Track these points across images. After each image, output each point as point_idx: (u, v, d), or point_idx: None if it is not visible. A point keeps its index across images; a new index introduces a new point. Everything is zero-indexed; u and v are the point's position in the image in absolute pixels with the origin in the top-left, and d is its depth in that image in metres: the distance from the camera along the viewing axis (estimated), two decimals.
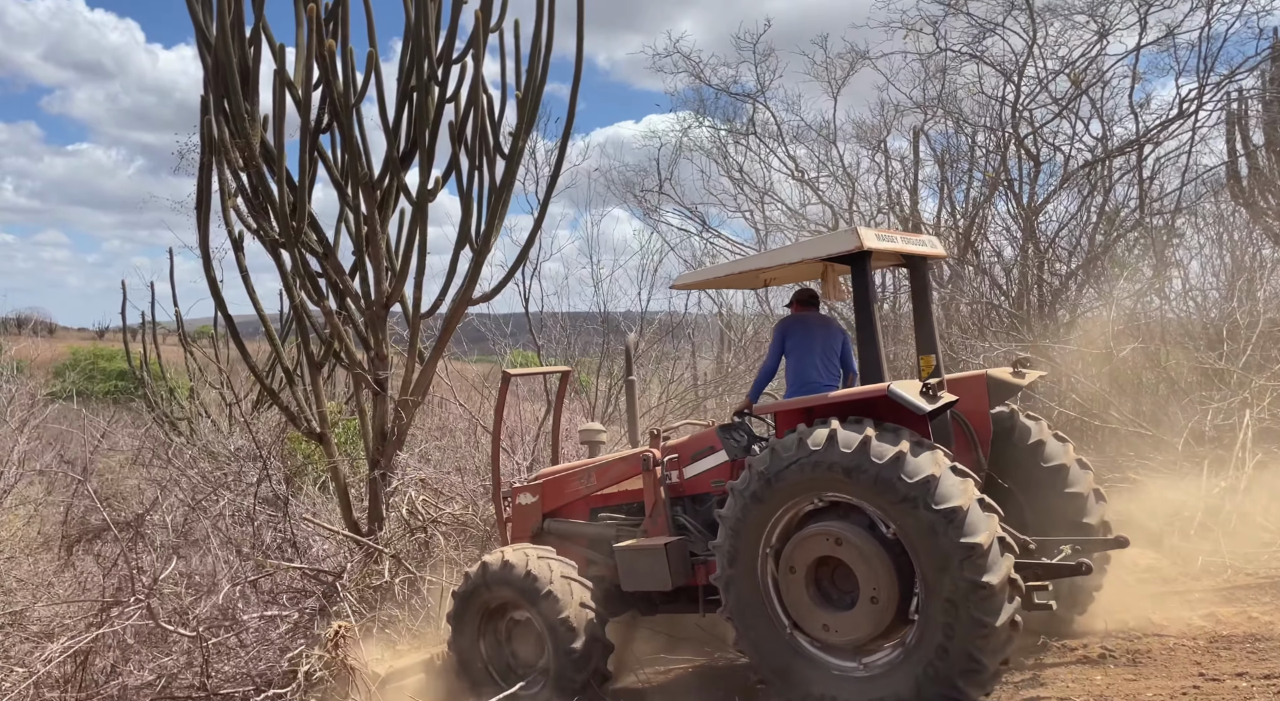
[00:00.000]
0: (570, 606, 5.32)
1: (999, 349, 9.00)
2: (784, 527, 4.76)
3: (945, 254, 5.96)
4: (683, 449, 5.78)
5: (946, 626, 4.18)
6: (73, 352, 32.79)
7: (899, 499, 4.29)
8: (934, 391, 4.63)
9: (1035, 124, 10.85)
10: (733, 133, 13.06)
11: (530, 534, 6.32)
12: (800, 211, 12.61)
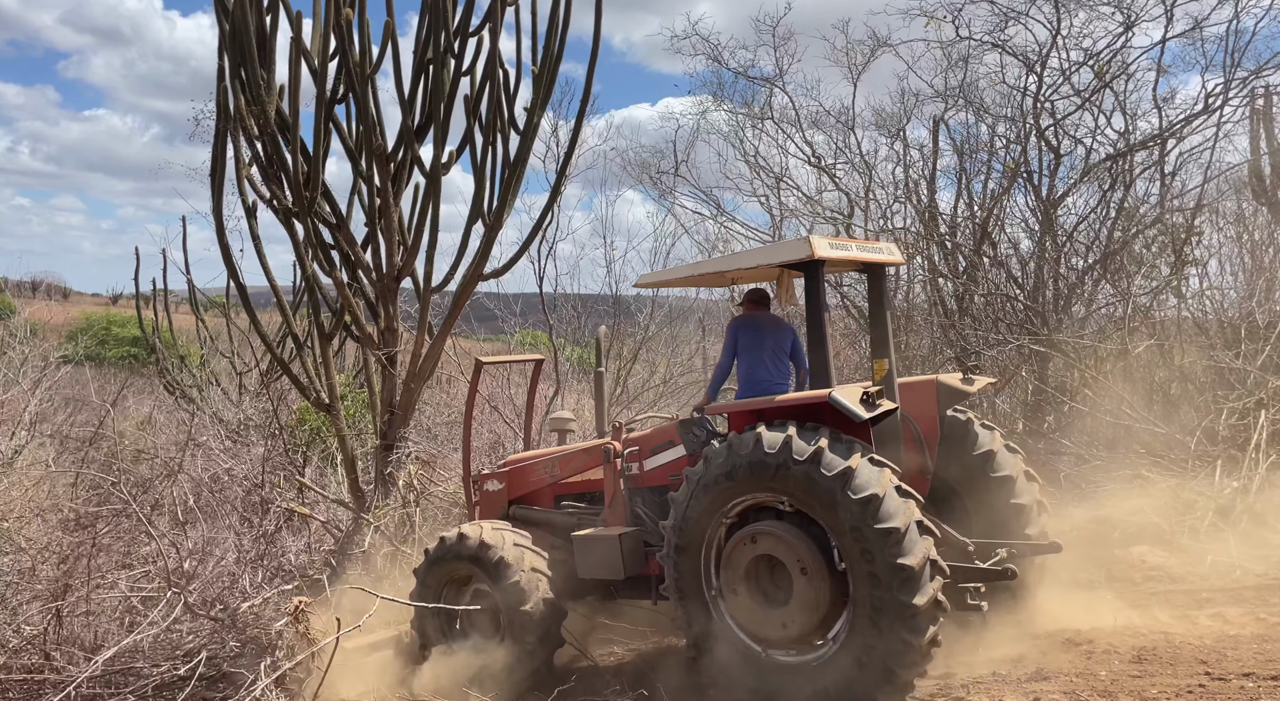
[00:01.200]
0: (524, 572, 5.59)
1: (1013, 342, 8.94)
2: (730, 520, 4.99)
3: (903, 260, 6.11)
4: (644, 442, 5.93)
5: (873, 610, 4.43)
6: (86, 317, 32.93)
7: (823, 491, 4.55)
8: (873, 399, 4.79)
9: (1057, 116, 10.72)
10: (750, 116, 12.96)
11: (497, 518, 6.45)
12: (816, 198, 12.52)
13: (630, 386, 13.04)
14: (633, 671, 5.84)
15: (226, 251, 8.54)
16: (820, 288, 5.20)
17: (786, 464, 4.65)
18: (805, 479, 4.61)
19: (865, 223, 11.83)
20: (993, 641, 5.59)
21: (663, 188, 13.78)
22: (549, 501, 6.49)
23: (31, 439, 13.77)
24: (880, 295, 5.68)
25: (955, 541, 5.06)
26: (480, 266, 8.12)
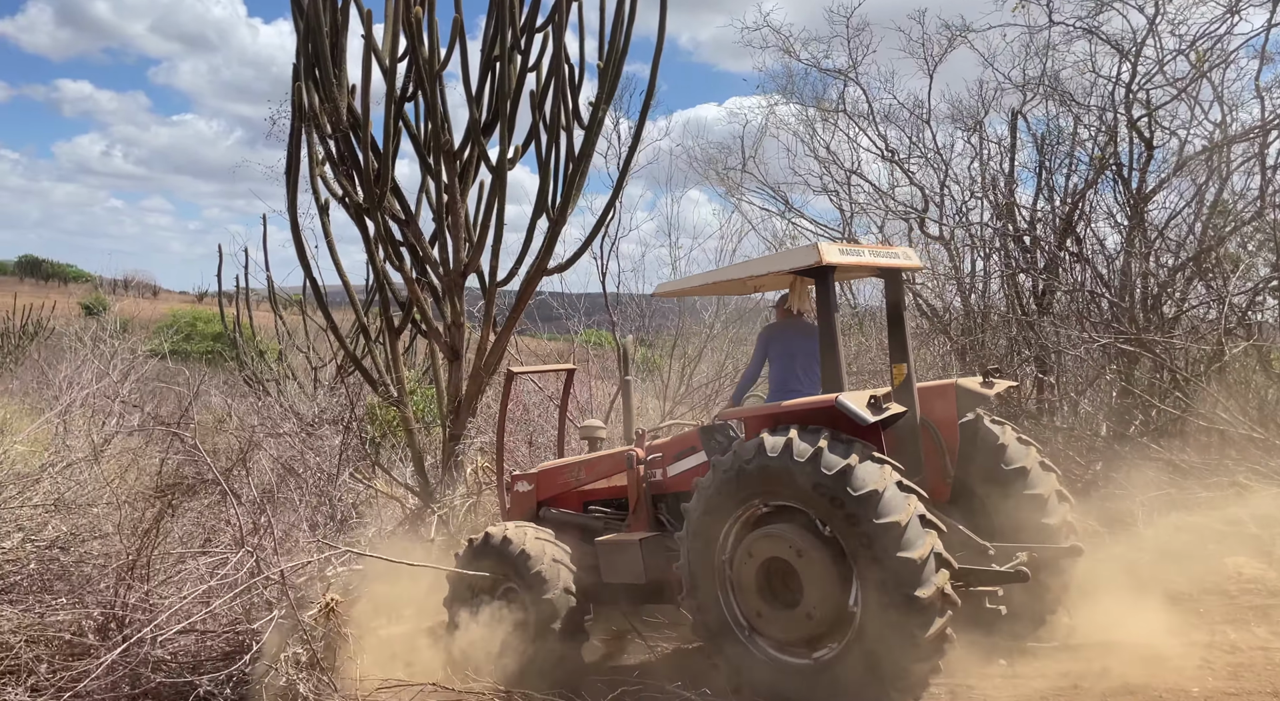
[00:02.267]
0: (546, 563, 5.76)
1: (1098, 340, 8.55)
2: (740, 526, 5.05)
3: (920, 266, 6.13)
4: (667, 448, 6.04)
5: (880, 607, 4.44)
6: (173, 314, 34.24)
7: (824, 490, 4.59)
8: (880, 403, 4.83)
9: (1150, 106, 10.22)
10: (821, 110, 12.70)
11: (526, 519, 6.57)
12: (889, 193, 12.20)
13: (694, 383, 12.91)
14: (693, 670, 5.75)
15: (300, 248, 8.74)
16: (830, 293, 5.26)
17: (788, 466, 4.71)
18: (807, 480, 4.67)
19: (940, 218, 11.48)
20: (1074, 652, 5.34)
21: (729, 184, 13.62)
22: (577, 505, 6.59)
23: (120, 428, 14.35)
24: (897, 300, 5.70)
25: (975, 545, 5.10)
26: (544, 262, 8.17)
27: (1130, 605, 5.62)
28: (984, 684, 5.19)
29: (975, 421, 5.59)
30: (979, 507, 5.49)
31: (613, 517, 6.29)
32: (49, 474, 10.00)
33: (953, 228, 11.30)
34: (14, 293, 36.23)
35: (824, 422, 4.88)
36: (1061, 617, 5.61)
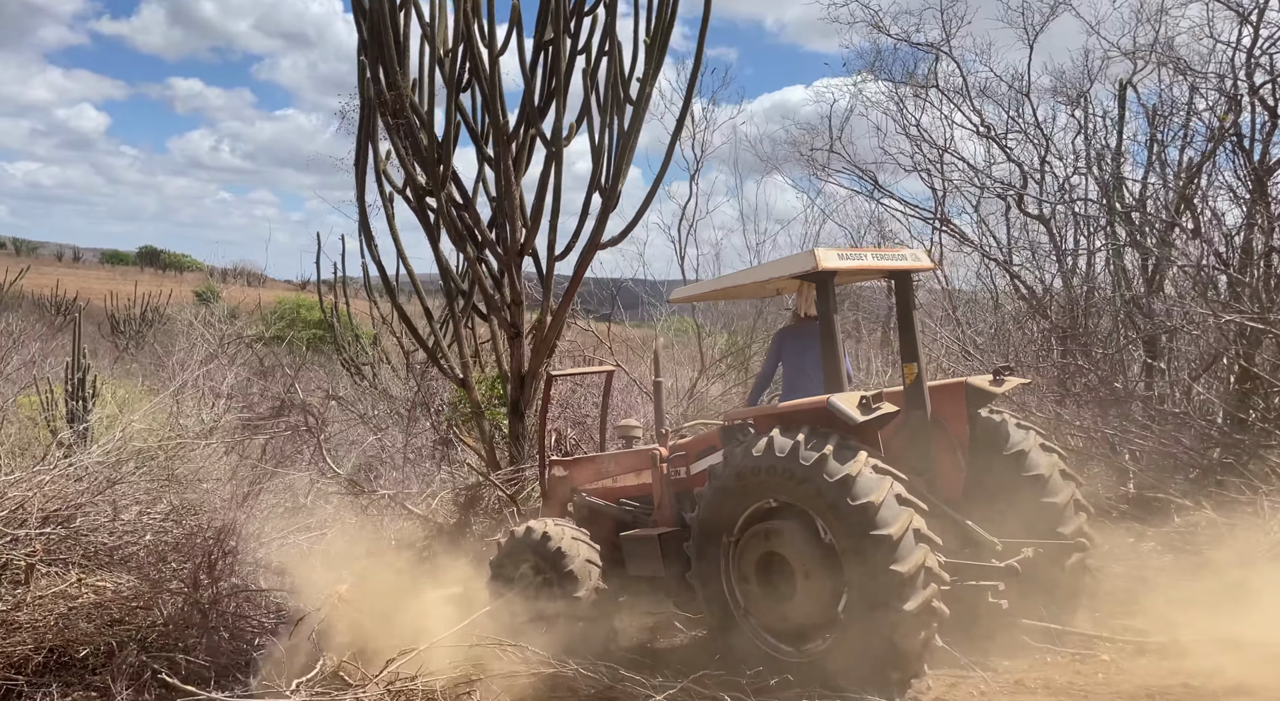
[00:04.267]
0: (578, 561, 6.07)
1: (1215, 319, 8.02)
2: (744, 521, 5.26)
3: (931, 266, 6.19)
4: (689, 447, 6.27)
5: (866, 612, 4.63)
6: (277, 301, 35.70)
7: (824, 495, 4.75)
8: (870, 403, 4.96)
9: (1275, 72, 9.51)
10: (912, 86, 12.27)
11: (559, 501, 6.98)
12: (984, 170, 11.71)
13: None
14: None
15: (368, 235, 9.09)
16: (830, 298, 5.41)
17: (792, 468, 4.87)
18: (809, 483, 4.82)
19: (1040, 195, 10.96)
20: (1186, 648, 5.05)
21: (815, 166, 13.30)
22: (609, 496, 6.81)
23: (229, 409, 15.05)
24: (907, 301, 5.85)
25: (983, 540, 5.23)
26: (597, 238, 8.33)
27: (1246, 602, 5.27)
28: (1084, 681, 4.96)
29: (1000, 423, 5.67)
30: (993, 506, 5.51)
31: (641, 511, 6.52)
32: (163, 451, 10.56)
33: (1054, 205, 10.77)
34: (135, 281, 38.42)
35: (821, 422, 5.04)
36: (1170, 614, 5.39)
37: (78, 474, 8.25)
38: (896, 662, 4.62)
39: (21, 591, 6.48)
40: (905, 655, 4.61)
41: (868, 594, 4.63)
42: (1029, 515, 5.44)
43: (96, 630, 6.66)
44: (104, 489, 8.07)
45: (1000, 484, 5.53)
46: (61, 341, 18.50)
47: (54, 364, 15.56)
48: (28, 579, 6.62)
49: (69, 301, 32.78)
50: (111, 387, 14.05)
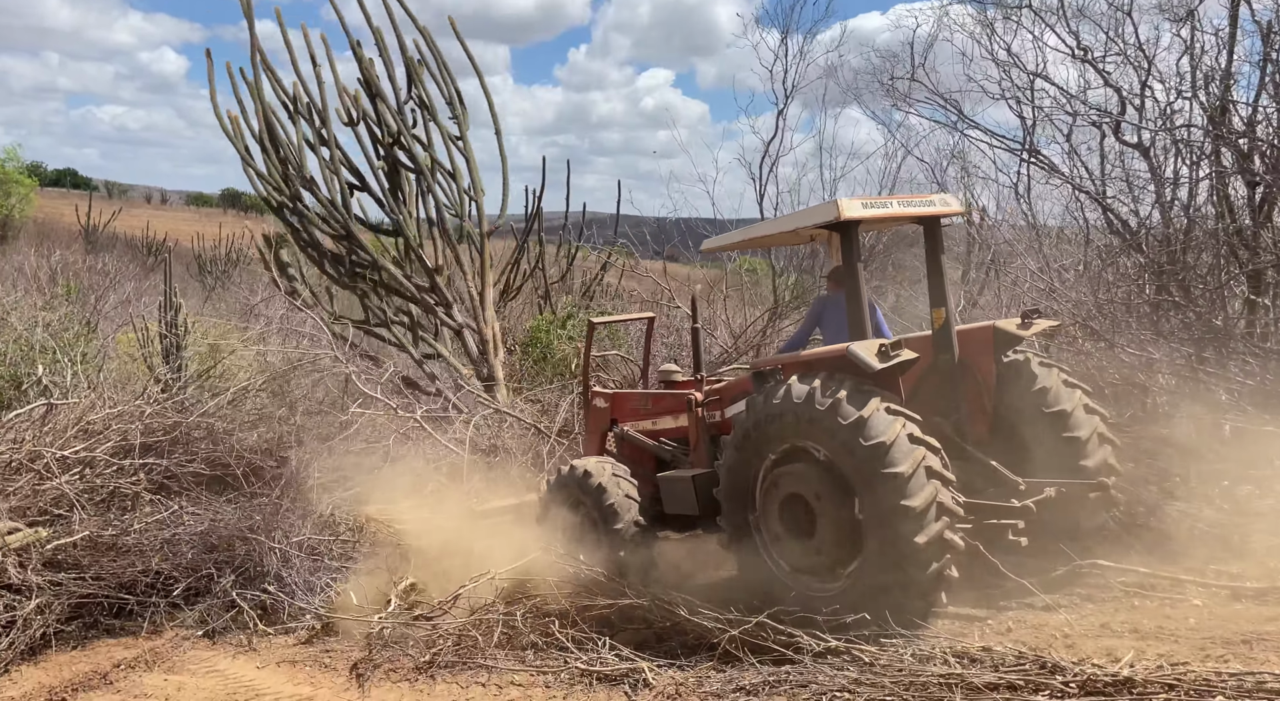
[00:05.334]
0: (618, 496, 6.46)
1: None
2: (768, 465, 5.51)
3: (960, 210, 6.25)
4: (724, 392, 6.50)
5: (881, 547, 4.88)
6: None
7: (840, 437, 4.99)
8: (889, 351, 5.12)
9: None
10: (1002, 7, 11.59)
11: (599, 432, 7.41)
12: (1079, 96, 11.07)
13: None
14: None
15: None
16: (855, 247, 5.52)
17: (810, 412, 5.10)
18: (825, 426, 5.06)
19: (1139, 122, 10.35)
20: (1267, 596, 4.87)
21: (896, 96, 12.75)
22: (648, 432, 7.11)
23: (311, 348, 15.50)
24: (936, 246, 5.90)
25: (1007, 480, 5.39)
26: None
27: None
28: (1174, 625, 4.83)
29: (1024, 363, 5.76)
30: (1019, 445, 5.68)
31: (679, 452, 6.79)
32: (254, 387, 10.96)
33: (1154, 132, 10.16)
34: (219, 223, 39.65)
35: (843, 369, 5.22)
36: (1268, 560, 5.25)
37: (177, 408, 8.64)
38: (912, 593, 4.84)
39: (129, 517, 6.85)
40: (920, 585, 4.83)
41: (883, 529, 4.85)
42: (1053, 452, 5.59)
43: (197, 556, 7.05)
44: (200, 423, 8.44)
45: (1026, 423, 5.69)
46: (154, 281, 19.27)
47: (148, 302, 16.25)
48: (134, 506, 7.00)
49: (159, 242, 34.05)
50: (202, 326, 14.60)
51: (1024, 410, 5.71)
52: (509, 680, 5.24)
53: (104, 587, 6.73)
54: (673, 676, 4.92)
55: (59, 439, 7.39)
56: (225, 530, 7.13)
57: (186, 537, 7.05)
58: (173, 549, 7.00)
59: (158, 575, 6.98)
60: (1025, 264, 11.06)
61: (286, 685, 5.67)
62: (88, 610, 6.78)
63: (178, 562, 6.99)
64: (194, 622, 6.75)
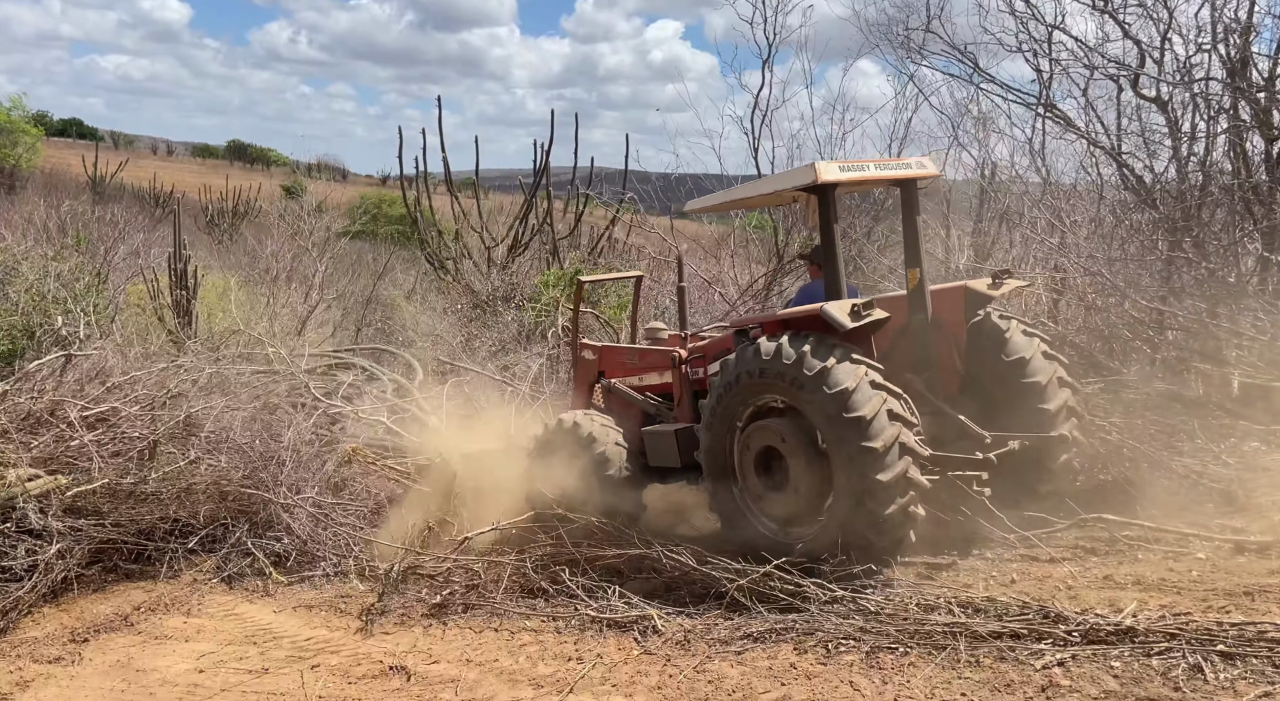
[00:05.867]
0: (609, 445, 6.69)
1: None
2: (744, 420, 5.78)
3: (937, 173, 6.27)
4: (707, 350, 6.64)
5: (849, 489, 5.11)
6: (361, 197, 36.25)
7: (806, 388, 5.20)
8: (860, 311, 5.30)
9: None
10: None
11: (587, 385, 7.58)
12: (1098, 48, 10.86)
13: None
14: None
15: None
16: (831, 210, 5.64)
17: (779, 367, 5.32)
18: (793, 379, 5.27)
19: (1159, 75, 10.18)
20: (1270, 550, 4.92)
21: (909, 48, 12.51)
22: (634, 385, 7.27)
23: (320, 301, 15.54)
24: (911, 208, 6.03)
25: (974, 433, 5.62)
26: None
27: None
28: (1177, 578, 4.90)
29: (1007, 328, 5.91)
30: (986, 399, 5.89)
31: (664, 407, 6.95)
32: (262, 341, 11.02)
33: (1172, 86, 9.99)
34: (225, 175, 39.46)
35: (819, 329, 5.42)
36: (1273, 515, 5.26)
37: (189, 364, 8.71)
38: (878, 530, 5.08)
39: (147, 467, 6.96)
40: (887, 522, 5.06)
41: (849, 472, 5.10)
42: (1020, 409, 5.79)
43: (214, 506, 7.17)
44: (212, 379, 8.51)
45: (995, 381, 5.89)
46: (162, 233, 19.25)
47: (157, 254, 16.26)
48: (151, 456, 7.10)
49: (166, 194, 33.93)
50: (211, 279, 14.63)
51: (1001, 372, 5.88)
52: (520, 625, 5.35)
53: (123, 534, 6.86)
54: (681, 623, 5.02)
55: (78, 391, 7.48)
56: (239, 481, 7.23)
57: (203, 487, 7.16)
58: (189, 498, 7.11)
59: (175, 522, 7.11)
60: (1037, 218, 10.98)
61: (303, 628, 5.81)
62: (107, 555, 6.92)
63: (195, 511, 7.11)
64: (211, 569, 6.89)
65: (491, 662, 4.95)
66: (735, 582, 5.14)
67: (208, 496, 7.15)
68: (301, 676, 5.04)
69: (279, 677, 5.09)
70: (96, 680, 5.34)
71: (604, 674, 4.59)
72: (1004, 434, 5.68)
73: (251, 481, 7.22)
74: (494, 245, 17.62)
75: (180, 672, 5.32)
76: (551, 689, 4.51)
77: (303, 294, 15.33)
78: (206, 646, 5.67)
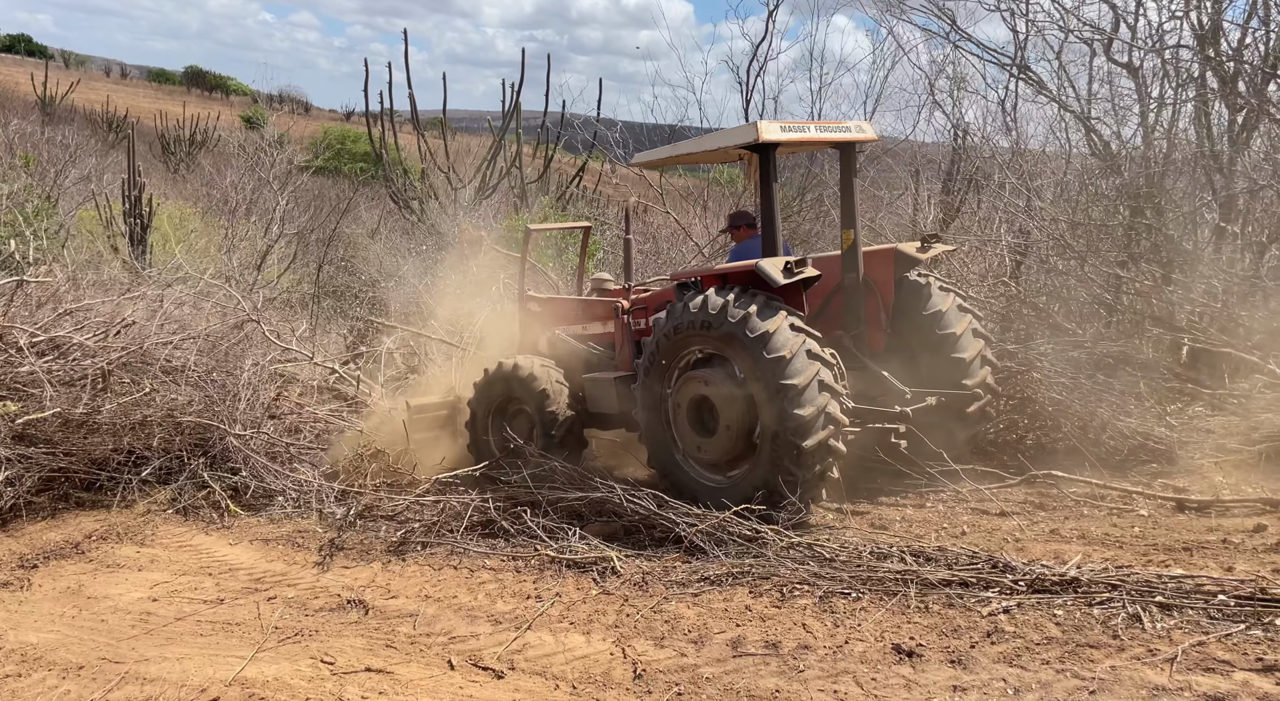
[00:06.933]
0: (549, 383, 6.80)
1: None
2: (679, 369, 5.95)
3: (874, 137, 6.53)
4: (650, 301, 6.81)
5: (773, 446, 5.41)
6: (324, 131, 35.31)
7: (740, 345, 5.43)
8: (793, 268, 5.53)
9: None
10: None
11: (533, 338, 7.61)
12: (1073, 10, 10.85)
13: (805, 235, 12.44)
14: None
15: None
16: (771, 168, 5.79)
17: (720, 323, 5.51)
18: (722, 328, 5.50)
19: (1132, 40, 10.21)
20: (1226, 506, 5.10)
21: (887, 4, 12.38)
22: (579, 336, 7.36)
23: (281, 236, 15.20)
24: (849, 171, 6.28)
25: (895, 389, 5.93)
26: None
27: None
28: (1120, 533, 5.07)
29: (926, 285, 6.21)
30: (910, 355, 6.17)
31: (605, 356, 7.06)
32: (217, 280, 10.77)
33: (1144, 52, 10.03)
34: (182, 102, 38.12)
35: (755, 283, 5.59)
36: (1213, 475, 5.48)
37: (144, 294, 8.49)
38: (800, 463, 5.34)
39: (101, 398, 6.82)
40: (805, 483, 5.36)
41: (771, 408, 5.35)
42: (940, 367, 6.09)
43: (168, 438, 7.07)
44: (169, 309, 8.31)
45: (918, 339, 6.17)
46: (115, 158, 18.62)
47: (110, 180, 15.74)
48: (105, 386, 6.95)
49: (120, 119, 32.74)
50: (167, 209, 14.22)
51: (920, 327, 6.17)
52: (480, 564, 5.39)
53: (75, 463, 6.75)
54: (640, 565, 5.09)
55: (27, 316, 7.27)
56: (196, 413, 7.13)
57: (158, 419, 7.05)
58: (144, 429, 7.00)
59: (129, 453, 7.00)
60: (1005, 181, 11.05)
61: (260, 561, 5.80)
62: (58, 483, 6.81)
63: (149, 442, 7.01)
64: (166, 501, 6.81)
65: (450, 599, 4.98)
66: (695, 527, 5.22)
67: (162, 428, 7.04)
68: (258, 607, 5.04)
69: (234, 608, 5.08)
70: (46, 605, 5.29)
71: (562, 612, 4.65)
72: (923, 390, 5.99)
73: (208, 414, 7.13)
74: (461, 187, 17.33)
75: (133, 601, 5.28)
76: (510, 625, 4.56)
77: (263, 227, 14.98)
78: (160, 576, 5.64)
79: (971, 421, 6.22)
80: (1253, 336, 7.03)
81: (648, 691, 3.83)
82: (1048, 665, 3.60)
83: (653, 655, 4.11)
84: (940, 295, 6.22)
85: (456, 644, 4.43)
